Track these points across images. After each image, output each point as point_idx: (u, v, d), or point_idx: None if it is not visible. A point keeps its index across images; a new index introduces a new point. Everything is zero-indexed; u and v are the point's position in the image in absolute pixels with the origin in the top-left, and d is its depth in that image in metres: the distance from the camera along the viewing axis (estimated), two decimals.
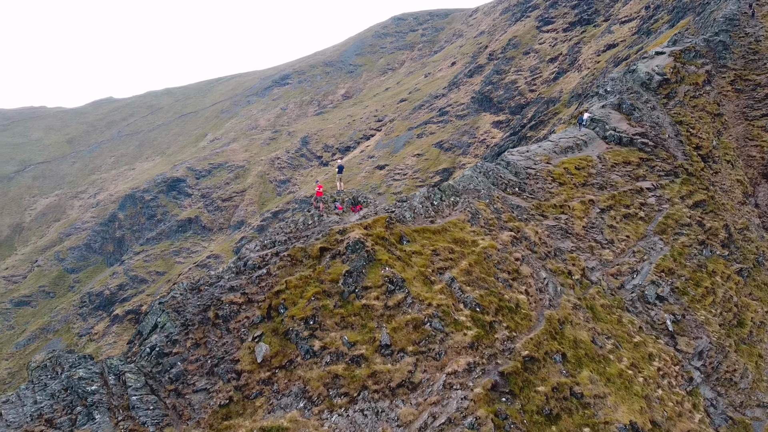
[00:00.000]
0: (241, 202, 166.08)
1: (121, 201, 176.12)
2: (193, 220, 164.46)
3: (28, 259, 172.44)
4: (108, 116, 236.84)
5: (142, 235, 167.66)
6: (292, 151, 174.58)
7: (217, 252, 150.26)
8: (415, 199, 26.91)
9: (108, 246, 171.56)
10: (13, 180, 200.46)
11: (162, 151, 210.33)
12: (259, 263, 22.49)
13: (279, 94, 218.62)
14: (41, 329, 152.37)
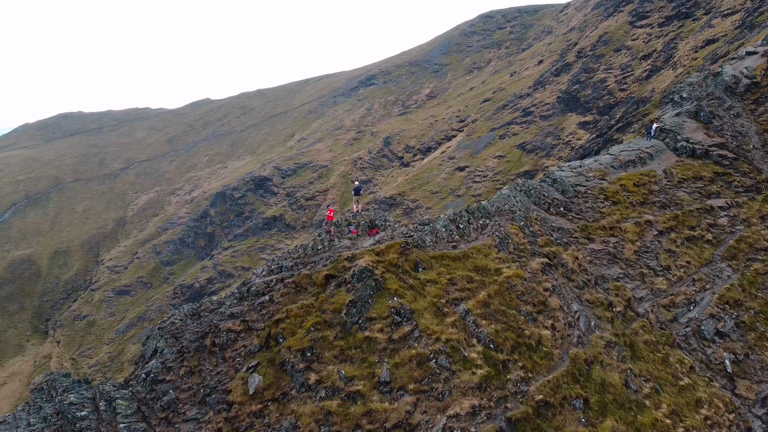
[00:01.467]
0: (323, 201, 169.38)
1: (213, 198, 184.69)
2: (277, 218, 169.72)
3: (129, 251, 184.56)
4: (204, 117, 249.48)
5: (230, 232, 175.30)
6: (375, 151, 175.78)
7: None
8: (439, 222, 25.80)
9: (200, 241, 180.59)
10: (119, 177, 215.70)
11: (252, 150, 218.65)
12: (263, 289, 22.32)
13: (365, 95, 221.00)
14: (138, 317, 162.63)
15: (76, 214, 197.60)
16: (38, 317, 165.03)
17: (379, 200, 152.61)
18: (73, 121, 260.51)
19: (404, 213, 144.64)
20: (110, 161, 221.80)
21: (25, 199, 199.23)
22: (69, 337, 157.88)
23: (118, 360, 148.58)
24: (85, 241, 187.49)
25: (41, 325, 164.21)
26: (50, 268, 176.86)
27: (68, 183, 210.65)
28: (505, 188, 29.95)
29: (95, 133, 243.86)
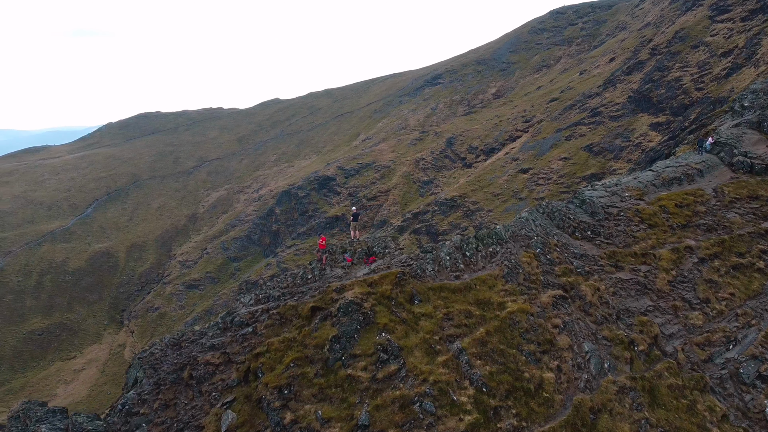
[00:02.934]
0: (385, 201, 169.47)
1: (279, 197, 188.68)
2: (339, 218, 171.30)
3: (199, 247, 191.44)
4: (273, 116, 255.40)
5: (294, 230, 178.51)
6: (437, 152, 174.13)
7: None
8: (443, 250, 24.47)
9: (265, 238, 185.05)
10: (192, 175, 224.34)
11: (318, 149, 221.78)
12: (248, 320, 21.87)
13: (430, 94, 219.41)
14: (206, 311, 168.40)
15: (152, 210, 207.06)
16: (114, 307, 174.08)
17: (439, 202, 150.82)
18: (152, 120, 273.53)
19: (464, 215, 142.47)
20: (184, 159, 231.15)
21: (106, 195, 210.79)
22: (142, 328, 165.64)
23: None
24: (159, 236, 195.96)
25: (117, 315, 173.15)
26: (127, 261, 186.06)
27: (145, 180, 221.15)
28: (525, 210, 28.20)
29: (171, 133, 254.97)
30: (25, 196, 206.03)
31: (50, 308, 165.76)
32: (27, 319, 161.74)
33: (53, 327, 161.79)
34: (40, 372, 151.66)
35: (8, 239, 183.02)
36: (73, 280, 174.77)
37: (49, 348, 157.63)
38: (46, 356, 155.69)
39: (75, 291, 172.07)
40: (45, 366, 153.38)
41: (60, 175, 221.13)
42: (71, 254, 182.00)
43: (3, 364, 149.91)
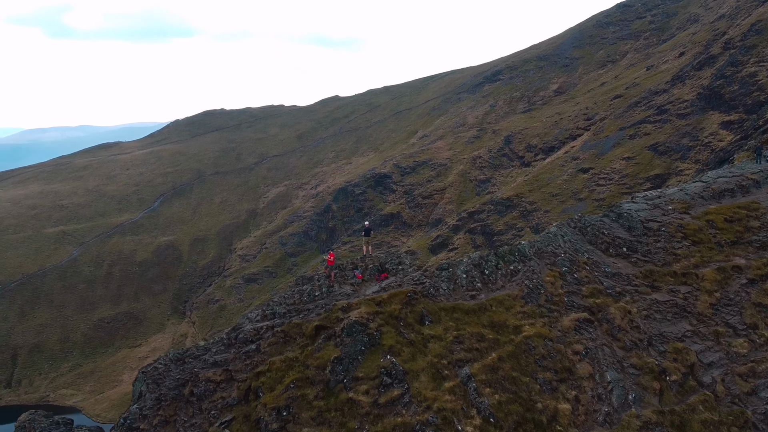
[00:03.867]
0: (440, 200, 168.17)
1: (336, 193, 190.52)
2: (394, 216, 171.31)
3: (258, 242, 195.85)
4: (332, 114, 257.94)
5: (350, 227, 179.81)
6: (495, 150, 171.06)
7: (414, 248, 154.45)
8: (460, 267, 23.42)
9: (322, 234, 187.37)
10: (253, 171, 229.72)
11: (376, 146, 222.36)
12: (252, 337, 21.62)
13: (489, 91, 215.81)
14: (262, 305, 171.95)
15: (214, 205, 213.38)
16: (178, 298, 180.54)
17: (495, 201, 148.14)
18: (216, 118, 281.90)
19: (521, 216, 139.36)
20: (246, 156, 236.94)
21: (172, 190, 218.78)
22: (203, 319, 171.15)
23: None
24: (221, 230, 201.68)
25: (180, 306, 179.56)
26: (190, 254, 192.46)
27: (209, 176, 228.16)
28: (554, 225, 26.70)
29: (234, 130, 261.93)
30: (98, 190, 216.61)
31: (118, 297, 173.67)
32: (97, 307, 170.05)
33: (121, 316, 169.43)
34: (108, 358, 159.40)
35: (82, 231, 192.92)
36: (139, 271, 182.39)
37: (117, 335, 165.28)
38: (113, 343, 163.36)
39: (141, 282, 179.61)
40: (113, 353, 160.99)
41: (130, 170, 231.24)
42: (139, 246, 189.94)
43: (75, 349, 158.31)
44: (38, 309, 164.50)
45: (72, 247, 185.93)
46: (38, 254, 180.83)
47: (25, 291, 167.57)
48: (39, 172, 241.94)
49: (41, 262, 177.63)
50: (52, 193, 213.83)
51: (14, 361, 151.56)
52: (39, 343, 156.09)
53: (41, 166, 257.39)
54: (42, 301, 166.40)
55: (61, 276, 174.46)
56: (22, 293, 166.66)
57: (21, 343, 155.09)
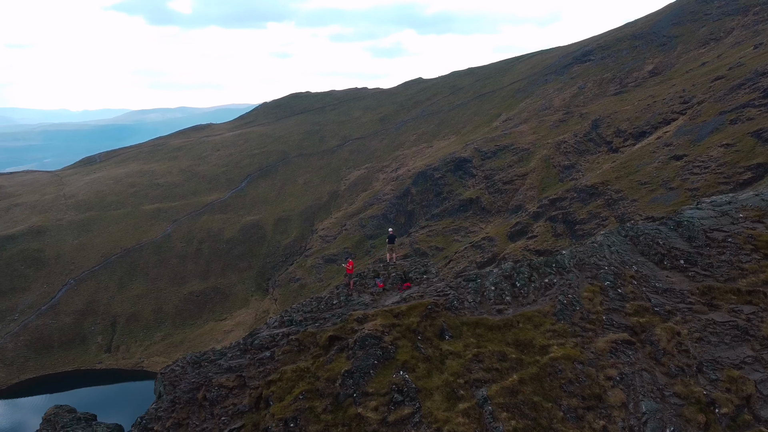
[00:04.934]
0: (521, 186, 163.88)
1: (415, 177, 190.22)
2: (473, 201, 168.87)
3: (338, 223, 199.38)
4: (415, 96, 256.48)
5: (428, 211, 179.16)
6: (581, 134, 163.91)
7: (492, 235, 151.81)
8: (489, 278, 22.14)
9: (400, 217, 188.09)
10: (335, 153, 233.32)
11: (458, 130, 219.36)
12: (268, 343, 21.48)
13: (578, 72, 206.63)
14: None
15: (298, 186, 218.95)
16: (261, 276, 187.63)
17: (579, 188, 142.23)
18: (301, 100, 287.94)
19: (606, 204, 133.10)
20: (329, 138, 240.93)
21: (258, 171, 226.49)
22: (284, 296, 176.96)
23: None
24: (303, 211, 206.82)
25: (263, 283, 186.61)
26: (273, 233, 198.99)
27: (293, 157, 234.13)
28: (601, 233, 24.74)
29: (318, 113, 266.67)
30: (190, 170, 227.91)
31: (207, 273, 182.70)
32: (188, 281, 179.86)
33: (208, 290, 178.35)
34: (196, 330, 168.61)
35: (175, 209, 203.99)
36: (226, 248, 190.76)
37: (205, 309, 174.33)
38: (201, 316, 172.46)
39: (228, 258, 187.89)
40: (200, 325, 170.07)
41: (220, 151, 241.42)
42: (226, 224, 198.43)
43: (167, 320, 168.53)
44: (135, 281, 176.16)
45: (166, 224, 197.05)
46: (136, 229, 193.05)
47: (125, 264, 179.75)
48: (138, 152, 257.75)
49: (139, 237, 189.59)
50: (149, 172, 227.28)
51: (114, 328, 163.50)
52: (135, 313, 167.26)
53: (141, 146, 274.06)
54: (138, 273, 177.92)
55: (156, 250, 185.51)
56: (122, 266, 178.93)
57: (120, 311, 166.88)
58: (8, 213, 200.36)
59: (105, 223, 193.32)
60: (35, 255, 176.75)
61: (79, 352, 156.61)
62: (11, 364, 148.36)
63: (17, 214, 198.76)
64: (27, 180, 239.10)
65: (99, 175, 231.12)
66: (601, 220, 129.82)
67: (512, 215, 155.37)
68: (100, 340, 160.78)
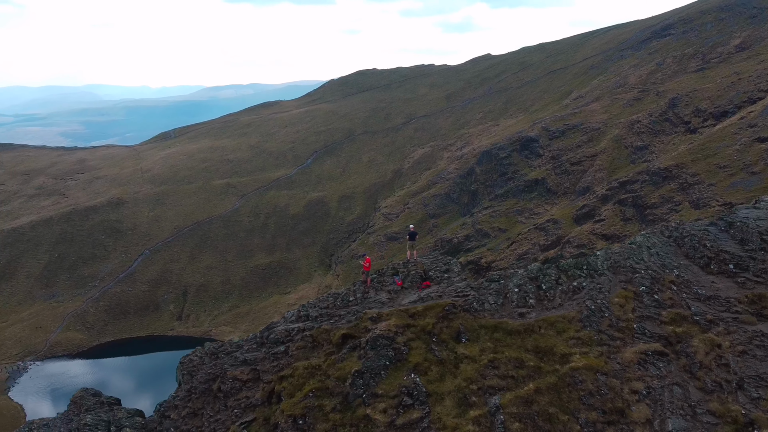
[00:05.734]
0: (590, 167, 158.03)
1: (480, 156, 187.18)
2: (539, 182, 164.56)
3: (401, 201, 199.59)
4: (482, 73, 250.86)
5: (492, 191, 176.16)
6: (656, 113, 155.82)
7: (558, 217, 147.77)
8: (513, 279, 21.04)
9: (464, 197, 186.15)
10: (400, 131, 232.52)
11: (526, 108, 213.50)
12: (283, 338, 21.34)
13: (657, 47, 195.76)
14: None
15: (362, 164, 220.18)
16: (324, 252, 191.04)
17: (652, 171, 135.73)
18: (368, 77, 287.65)
19: (679, 188, 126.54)
20: (394, 116, 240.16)
21: (324, 148, 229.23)
22: (346, 273, 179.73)
23: None
24: (367, 188, 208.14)
25: (326, 258, 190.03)
26: (337, 210, 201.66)
27: (358, 135, 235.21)
28: (641, 233, 23.02)
29: (384, 90, 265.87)
30: (259, 147, 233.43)
31: (272, 247, 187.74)
32: (254, 255, 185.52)
33: (274, 264, 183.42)
34: (261, 302, 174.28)
35: (243, 184, 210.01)
36: (292, 223, 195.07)
37: (270, 282, 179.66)
38: (266, 289, 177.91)
39: (293, 234, 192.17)
40: (265, 297, 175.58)
41: (287, 128, 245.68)
42: (292, 200, 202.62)
43: (234, 291, 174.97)
44: (205, 253, 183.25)
45: (235, 199, 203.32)
46: (207, 203, 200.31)
47: (195, 236, 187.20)
48: (210, 129, 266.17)
49: (209, 211, 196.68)
50: (220, 148, 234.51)
51: (184, 297, 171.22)
52: (204, 283, 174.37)
53: (212, 122, 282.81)
54: (208, 246, 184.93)
55: (225, 224, 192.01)
56: (193, 238, 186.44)
57: (190, 282, 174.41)
58: (91, 185, 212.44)
59: (178, 197, 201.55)
60: (114, 225, 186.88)
61: (152, 319, 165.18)
62: (92, 328, 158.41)
63: (99, 187, 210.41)
64: (108, 154, 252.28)
65: (173, 151, 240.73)
66: (674, 205, 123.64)
67: (579, 197, 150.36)
68: (172, 308, 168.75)
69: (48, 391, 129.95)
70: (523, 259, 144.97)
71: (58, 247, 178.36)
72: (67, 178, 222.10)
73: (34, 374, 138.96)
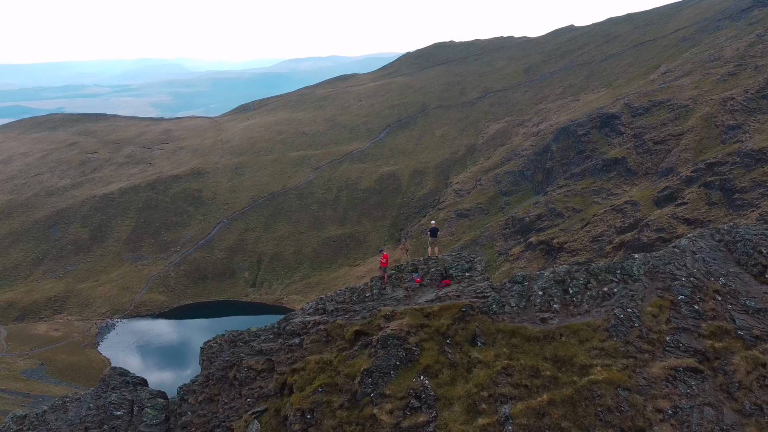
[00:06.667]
0: (675, 146, 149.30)
1: (557, 133, 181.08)
2: (619, 161, 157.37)
3: (473, 177, 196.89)
4: (564, 45, 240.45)
5: (568, 169, 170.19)
6: (753, 90, 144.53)
7: (636, 199, 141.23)
8: (538, 282, 19.72)
9: (538, 175, 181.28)
10: (475, 105, 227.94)
11: (609, 83, 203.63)
12: (299, 330, 21.09)
13: (759, 17, 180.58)
14: (472, 240, 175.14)
15: (435, 139, 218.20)
16: (394, 226, 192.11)
17: (744, 152, 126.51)
18: (444, 50, 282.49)
19: None
20: (470, 90, 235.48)
21: (397, 122, 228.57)
22: (415, 247, 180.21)
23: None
24: (439, 163, 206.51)
25: (396, 233, 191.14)
26: (408, 185, 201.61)
27: (432, 109, 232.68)
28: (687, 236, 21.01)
29: (460, 63, 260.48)
30: (334, 120, 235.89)
31: (344, 220, 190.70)
32: (326, 226, 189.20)
33: (344, 236, 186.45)
34: (331, 273, 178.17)
35: (317, 156, 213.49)
36: (363, 197, 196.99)
37: (340, 254, 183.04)
38: (336, 260, 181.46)
39: (364, 207, 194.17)
40: (335, 268, 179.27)
41: (362, 101, 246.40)
42: (364, 174, 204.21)
43: (305, 261, 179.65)
44: (279, 223, 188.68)
45: (309, 171, 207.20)
46: (282, 175, 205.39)
47: (270, 206, 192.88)
48: (287, 101, 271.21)
49: (284, 183, 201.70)
50: (296, 120, 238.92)
51: (259, 266, 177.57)
52: (278, 253, 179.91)
53: (289, 95, 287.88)
54: (282, 216, 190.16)
55: (299, 196, 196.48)
56: (268, 208, 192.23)
57: (264, 251, 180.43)
58: (174, 155, 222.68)
59: (255, 168, 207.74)
60: (195, 194, 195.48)
61: (228, 285, 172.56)
62: (173, 290, 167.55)
63: (182, 156, 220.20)
64: (191, 125, 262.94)
65: (251, 122, 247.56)
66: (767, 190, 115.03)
67: (661, 179, 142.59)
68: (246, 275, 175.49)
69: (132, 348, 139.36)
70: (597, 241, 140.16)
71: (143, 213, 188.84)
72: (153, 147, 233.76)
73: (121, 331, 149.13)
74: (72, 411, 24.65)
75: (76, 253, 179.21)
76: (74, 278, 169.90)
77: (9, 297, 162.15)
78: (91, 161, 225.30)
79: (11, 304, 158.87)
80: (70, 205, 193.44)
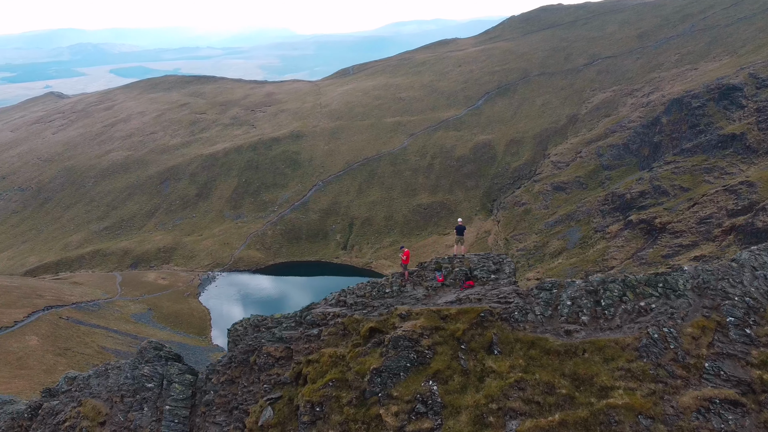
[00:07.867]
0: None
1: (669, 104, 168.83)
2: (737, 137, 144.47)
3: (573, 149, 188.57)
4: (685, 8, 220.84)
5: (678, 144, 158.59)
6: None
7: (754, 179, 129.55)
8: (568, 290, 17.98)
9: (644, 149, 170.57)
10: (581, 73, 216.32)
11: (734, 50, 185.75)
12: (319, 320, 20.72)
13: None
14: (567, 215, 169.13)
15: (535, 107, 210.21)
16: (487, 196, 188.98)
17: None
18: (551, 14, 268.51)
19: None
20: (576, 56, 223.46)
21: (496, 89, 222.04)
22: (507, 219, 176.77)
23: (541, 251, 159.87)
24: (537, 134, 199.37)
25: (488, 203, 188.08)
26: (504, 155, 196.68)
27: (534, 76, 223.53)
28: (748, 249, 18.28)
29: (568, 27, 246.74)
30: (431, 86, 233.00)
31: (436, 188, 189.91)
32: (417, 193, 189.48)
33: (435, 204, 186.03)
34: (421, 240, 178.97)
35: (413, 123, 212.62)
36: (456, 165, 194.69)
37: (430, 221, 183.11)
38: (427, 228, 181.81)
39: (457, 176, 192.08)
40: (425, 236, 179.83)
41: (461, 67, 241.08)
42: (459, 142, 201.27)
43: (396, 227, 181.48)
44: (372, 188, 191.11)
45: (403, 137, 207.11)
46: (377, 140, 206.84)
47: (364, 171, 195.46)
48: (386, 66, 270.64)
49: (378, 148, 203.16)
50: (393, 86, 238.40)
51: (350, 229, 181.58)
52: (369, 217, 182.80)
53: (389, 60, 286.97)
54: (375, 182, 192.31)
55: (392, 162, 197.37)
56: (362, 173, 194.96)
57: (357, 214, 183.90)
58: (276, 118, 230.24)
59: (351, 132, 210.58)
60: (293, 157, 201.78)
61: (321, 246, 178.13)
62: (269, 248, 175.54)
63: (282, 119, 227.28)
64: (292, 89, 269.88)
65: (350, 87, 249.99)
66: None
67: None
68: (338, 237, 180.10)
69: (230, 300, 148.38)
70: (705, 223, 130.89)
71: (245, 173, 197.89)
72: (256, 110, 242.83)
73: (220, 284, 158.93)
74: (112, 378, 26.68)
75: (183, 208, 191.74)
76: (181, 232, 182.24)
77: (125, 246, 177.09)
78: (199, 121, 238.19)
79: (126, 252, 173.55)
80: (180, 162, 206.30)
